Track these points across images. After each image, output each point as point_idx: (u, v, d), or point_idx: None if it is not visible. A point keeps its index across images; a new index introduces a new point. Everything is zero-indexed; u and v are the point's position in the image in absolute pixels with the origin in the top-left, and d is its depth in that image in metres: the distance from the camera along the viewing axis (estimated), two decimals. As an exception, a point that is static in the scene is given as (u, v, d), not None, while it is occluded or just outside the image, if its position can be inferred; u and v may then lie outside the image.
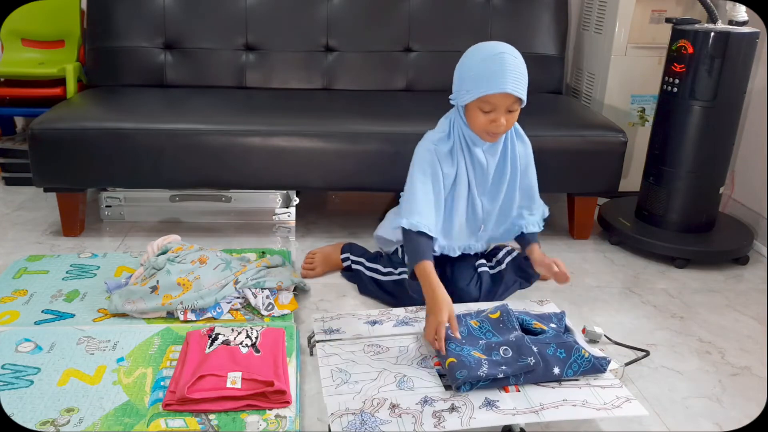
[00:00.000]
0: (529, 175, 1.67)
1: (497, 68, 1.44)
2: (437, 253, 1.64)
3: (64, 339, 1.46)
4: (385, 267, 1.74)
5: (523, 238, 1.67)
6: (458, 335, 1.36)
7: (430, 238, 1.50)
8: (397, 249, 1.79)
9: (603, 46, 2.46)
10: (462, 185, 1.59)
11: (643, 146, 2.21)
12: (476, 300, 1.66)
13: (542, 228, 1.69)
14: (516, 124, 1.60)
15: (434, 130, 1.61)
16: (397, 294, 1.68)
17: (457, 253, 1.68)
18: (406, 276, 1.67)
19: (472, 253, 1.72)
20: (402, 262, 1.73)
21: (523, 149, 1.65)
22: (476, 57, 1.49)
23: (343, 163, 2.01)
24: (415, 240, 1.49)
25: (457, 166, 1.58)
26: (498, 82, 1.43)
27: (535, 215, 1.68)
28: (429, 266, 1.45)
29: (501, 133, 1.53)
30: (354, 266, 1.81)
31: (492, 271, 1.74)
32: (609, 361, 1.32)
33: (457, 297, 1.66)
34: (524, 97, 1.48)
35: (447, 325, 1.36)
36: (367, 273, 1.76)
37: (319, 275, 1.85)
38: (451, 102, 1.58)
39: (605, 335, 1.58)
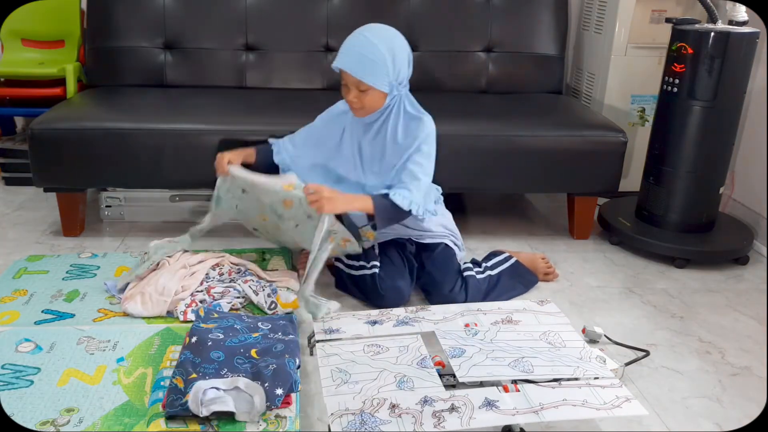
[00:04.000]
0: (414, 155, 1.62)
1: (342, 46, 1.60)
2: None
3: (64, 339, 1.46)
4: (358, 261, 1.74)
5: None
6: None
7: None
8: (374, 245, 1.79)
9: (603, 46, 2.46)
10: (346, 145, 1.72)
11: (643, 146, 2.21)
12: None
13: (403, 201, 1.59)
14: (414, 104, 1.67)
15: None
16: (365, 289, 1.69)
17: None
18: (376, 270, 1.68)
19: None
20: (374, 257, 1.73)
21: (413, 125, 1.64)
22: None
23: (343, 163, 2.01)
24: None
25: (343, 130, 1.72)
26: (336, 58, 1.59)
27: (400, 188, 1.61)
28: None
29: (357, 109, 1.63)
30: (336, 263, 1.81)
31: (480, 276, 1.74)
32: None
33: (443, 302, 1.66)
34: (356, 74, 1.56)
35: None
36: (345, 269, 1.77)
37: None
38: None
39: (605, 335, 1.58)
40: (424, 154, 1.63)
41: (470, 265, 1.77)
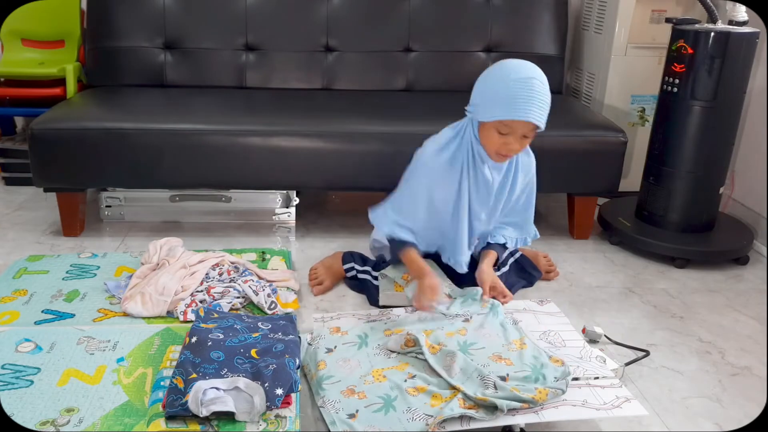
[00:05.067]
0: (529, 195, 1.69)
1: (525, 94, 1.40)
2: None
3: (64, 339, 1.46)
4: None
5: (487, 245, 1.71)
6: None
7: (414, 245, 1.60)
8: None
9: (603, 46, 2.46)
10: (463, 203, 1.58)
11: (643, 146, 2.21)
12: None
13: (517, 245, 1.75)
14: None
15: (436, 140, 1.59)
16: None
17: (465, 269, 1.65)
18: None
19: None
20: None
21: (527, 161, 1.64)
22: (505, 77, 1.43)
23: (343, 163, 2.01)
24: (399, 244, 1.60)
25: (459, 185, 1.56)
26: (523, 109, 1.40)
27: (513, 230, 1.73)
28: (414, 252, 1.58)
29: (511, 156, 1.55)
30: (360, 276, 1.76)
31: (498, 273, 1.74)
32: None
33: None
34: (544, 126, 1.45)
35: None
36: (375, 282, 1.72)
37: (329, 288, 1.78)
38: (468, 114, 1.54)
39: (605, 335, 1.58)
40: (534, 189, 1.69)
41: None
